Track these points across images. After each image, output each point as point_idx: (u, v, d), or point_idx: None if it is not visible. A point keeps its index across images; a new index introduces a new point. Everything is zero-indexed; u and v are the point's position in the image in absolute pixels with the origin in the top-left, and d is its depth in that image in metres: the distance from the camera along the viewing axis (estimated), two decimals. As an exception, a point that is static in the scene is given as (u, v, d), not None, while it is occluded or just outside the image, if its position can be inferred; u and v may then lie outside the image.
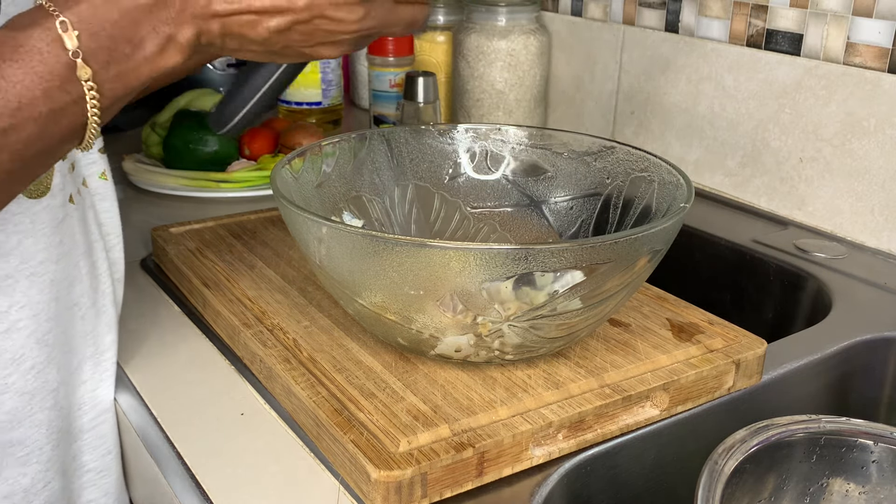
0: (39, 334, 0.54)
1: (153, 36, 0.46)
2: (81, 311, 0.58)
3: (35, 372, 0.54)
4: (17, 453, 0.55)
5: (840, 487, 0.55)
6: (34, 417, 0.55)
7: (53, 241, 0.54)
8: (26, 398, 0.54)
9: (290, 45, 0.50)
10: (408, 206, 0.71)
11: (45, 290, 0.54)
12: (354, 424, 0.51)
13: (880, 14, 0.82)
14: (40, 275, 0.53)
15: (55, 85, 0.42)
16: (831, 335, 0.69)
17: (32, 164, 0.44)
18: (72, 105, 0.43)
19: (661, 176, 0.62)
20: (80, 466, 0.61)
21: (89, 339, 0.59)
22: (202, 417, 0.58)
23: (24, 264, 0.52)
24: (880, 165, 0.83)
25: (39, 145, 0.43)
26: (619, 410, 0.55)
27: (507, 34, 1.09)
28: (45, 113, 0.42)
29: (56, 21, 0.42)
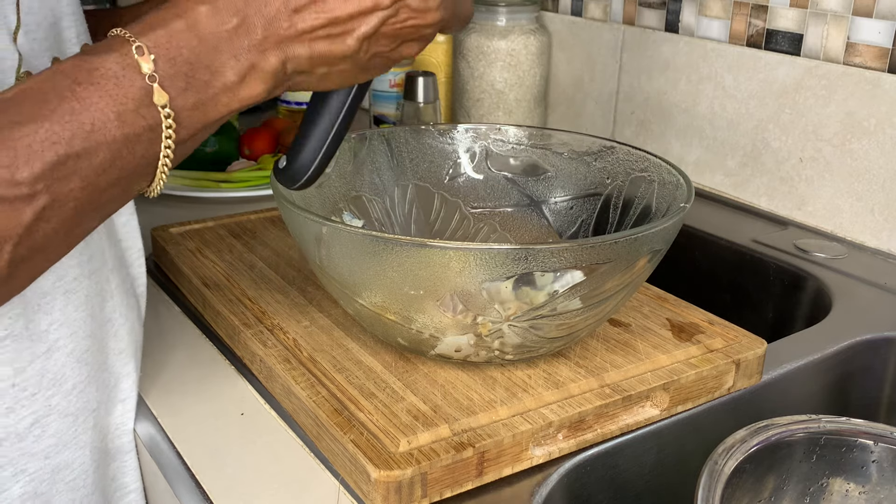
0: (78, 353, 0.53)
1: (234, 63, 0.43)
2: (115, 327, 0.57)
3: (77, 392, 0.53)
4: (66, 478, 0.54)
5: (840, 487, 0.55)
6: (79, 439, 0.54)
7: (84, 258, 0.53)
8: (70, 420, 0.53)
9: (378, 52, 0.48)
10: (408, 206, 0.71)
11: (80, 307, 0.53)
12: (354, 424, 0.51)
13: (880, 14, 0.82)
14: (75, 291, 0.52)
15: (130, 109, 0.40)
16: (831, 335, 0.69)
17: (104, 197, 0.42)
18: (147, 132, 0.41)
19: (661, 176, 0.62)
20: (120, 487, 0.60)
21: (124, 356, 0.58)
22: (202, 417, 0.58)
23: (60, 281, 0.51)
24: (880, 165, 0.83)
25: (112, 175, 0.41)
26: (619, 410, 0.55)
27: (507, 34, 1.09)
28: (118, 138, 0.40)
29: (132, 46, 0.41)
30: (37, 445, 0.51)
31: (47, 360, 0.51)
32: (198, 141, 0.45)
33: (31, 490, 0.51)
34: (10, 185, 0.37)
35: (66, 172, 0.39)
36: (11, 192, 0.38)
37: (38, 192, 0.38)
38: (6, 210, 0.38)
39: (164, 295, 0.74)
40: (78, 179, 0.40)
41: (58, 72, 0.40)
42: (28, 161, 0.38)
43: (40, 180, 0.38)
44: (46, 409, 0.51)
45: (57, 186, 0.39)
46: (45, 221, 0.39)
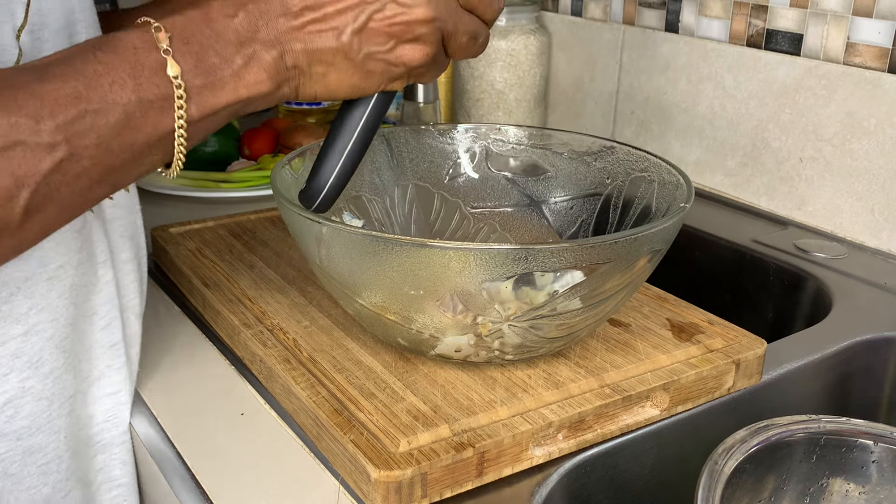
0: (58, 339, 0.54)
1: (237, 52, 0.47)
2: (104, 320, 0.58)
3: (53, 377, 0.54)
4: (38, 461, 0.54)
5: (840, 487, 0.55)
6: (53, 424, 0.55)
7: (73, 247, 0.54)
8: (45, 404, 0.54)
9: (372, 52, 0.50)
10: (408, 206, 0.71)
11: (64, 295, 0.54)
12: (354, 424, 0.51)
13: (880, 14, 0.82)
14: (59, 279, 0.54)
15: (145, 76, 0.44)
16: (831, 335, 0.69)
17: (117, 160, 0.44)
18: (159, 100, 0.45)
19: (661, 176, 0.62)
20: (108, 480, 0.60)
21: (112, 350, 0.59)
22: (202, 417, 0.58)
23: (43, 267, 0.53)
24: (880, 165, 0.83)
25: (125, 137, 0.44)
26: (619, 410, 0.55)
27: (507, 34, 1.09)
28: (133, 101, 0.44)
29: (152, 26, 0.45)
30: (9, 426, 0.52)
31: (24, 342, 0.52)
32: (209, 126, 0.48)
33: (0, 470, 0.52)
34: (34, 133, 0.41)
35: (85, 127, 0.42)
36: (34, 139, 0.41)
37: (58, 143, 0.41)
38: (27, 156, 0.40)
39: (164, 295, 0.74)
40: (94, 136, 0.43)
41: (81, 44, 0.44)
42: (52, 112, 0.41)
43: (61, 131, 0.41)
44: (20, 391, 0.52)
45: (75, 140, 0.42)
46: (62, 174, 0.42)
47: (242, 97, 0.48)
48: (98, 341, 0.58)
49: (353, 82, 0.51)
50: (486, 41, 0.56)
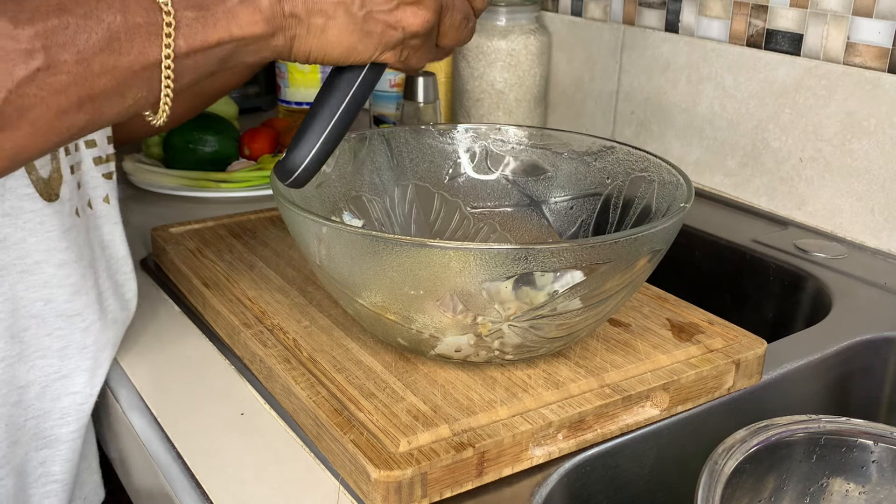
0: (15, 330, 0.55)
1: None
2: (84, 322, 0.58)
3: (4, 365, 0.55)
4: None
5: (840, 487, 0.55)
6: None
7: (59, 246, 0.54)
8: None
9: (373, 10, 0.49)
10: (408, 206, 0.71)
11: (31, 290, 0.54)
12: (354, 424, 0.51)
13: (880, 14, 0.82)
14: (33, 273, 0.54)
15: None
16: (831, 335, 0.69)
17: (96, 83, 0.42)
18: (146, 25, 0.43)
19: (661, 176, 0.62)
20: (45, 475, 0.60)
21: (88, 352, 0.59)
22: (202, 417, 0.58)
23: (20, 260, 0.53)
24: (880, 165, 0.83)
25: (106, 59, 0.42)
26: (619, 410, 0.55)
27: (507, 34, 1.09)
28: (118, 21, 0.42)
29: None
30: None
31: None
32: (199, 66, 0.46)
33: None
34: (10, 37, 0.39)
35: (65, 39, 0.40)
36: (10, 45, 0.39)
37: (35, 51, 0.40)
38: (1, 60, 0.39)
39: (164, 295, 0.74)
40: (74, 50, 0.41)
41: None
42: (32, 18, 0.40)
43: (40, 38, 0.39)
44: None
45: (54, 52, 0.40)
46: (37, 86, 0.40)
47: (235, 36, 0.46)
48: (75, 342, 0.58)
49: (350, 42, 0.50)
50: (473, 29, 0.56)
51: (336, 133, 0.52)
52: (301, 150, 0.52)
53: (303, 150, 0.52)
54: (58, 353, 0.58)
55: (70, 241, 0.56)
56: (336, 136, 0.53)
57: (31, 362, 0.57)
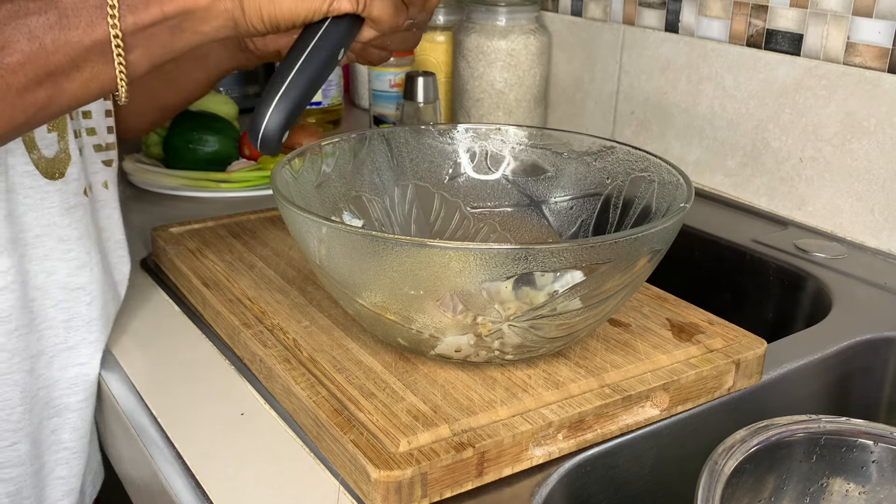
0: (26, 300, 0.58)
1: None
2: (89, 297, 0.61)
3: (18, 334, 0.58)
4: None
5: (840, 487, 0.55)
6: (10, 377, 0.58)
7: (61, 222, 0.58)
8: (5, 355, 0.57)
9: None
10: (408, 206, 0.71)
11: (35, 262, 0.57)
12: (354, 424, 0.51)
13: (880, 14, 0.82)
14: (35, 247, 0.57)
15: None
16: (831, 335, 0.69)
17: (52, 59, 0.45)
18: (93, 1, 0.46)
19: (661, 176, 0.62)
20: (56, 442, 0.63)
21: (92, 325, 0.62)
22: (202, 417, 0.58)
23: (22, 234, 0.56)
24: (880, 165, 0.83)
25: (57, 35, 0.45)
26: (619, 410, 0.55)
27: (507, 34, 1.09)
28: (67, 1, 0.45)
29: None
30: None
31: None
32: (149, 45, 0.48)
33: None
34: None
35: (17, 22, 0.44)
36: None
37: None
38: None
39: (164, 295, 0.74)
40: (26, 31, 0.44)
41: None
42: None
43: None
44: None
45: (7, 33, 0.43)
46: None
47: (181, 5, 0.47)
48: (79, 314, 0.61)
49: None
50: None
51: (298, 89, 0.51)
52: (261, 109, 0.51)
53: (262, 109, 0.51)
54: (63, 325, 0.61)
55: (73, 219, 0.59)
56: (298, 92, 0.51)
57: (39, 332, 0.59)
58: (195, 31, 0.49)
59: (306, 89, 0.51)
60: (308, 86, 0.51)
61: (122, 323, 0.69)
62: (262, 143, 0.51)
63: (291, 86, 0.51)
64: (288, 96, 0.51)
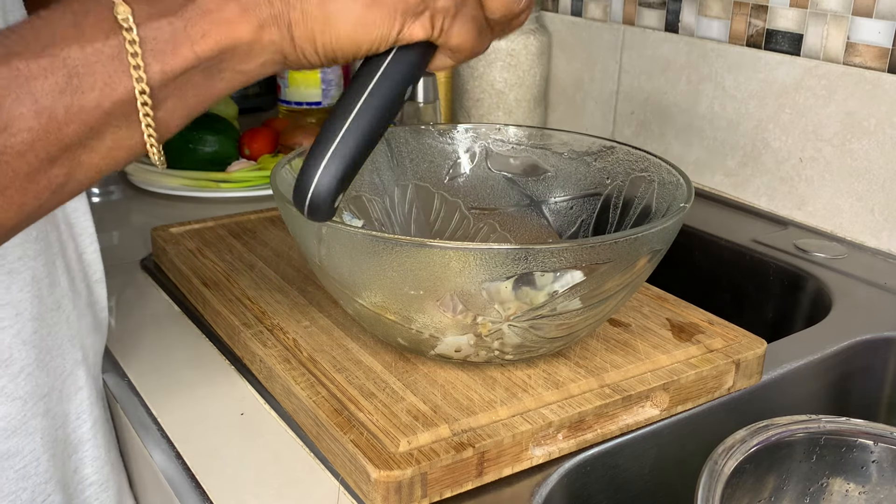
0: (25, 335, 0.50)
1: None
2: (65, 313, 0.54)
3: (25, 375, 0.51)
4: (15, 465, 0.52)
5: (840, 487, 0.55)
6: (28, 425, 0.52)
7: (29, 237, 0.50)
8: (18, 404, 0.51)
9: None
10: (408, 206, 0.71)
11: (25, 289, 0.50)
12: (354, 424, 0.51)
13: (880, 14, 0.82)
14: (19, 272, 0.49)
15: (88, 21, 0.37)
16: (831, 335, 0.69)
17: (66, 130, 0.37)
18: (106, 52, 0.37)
19: (661, 176, 0.62)
20: (81, 480, 0.58)
21: (76, 341, 0.56)
22: (202, 417, 0.58)
23: (2, 260, 0.49)
24: (880, 165, 0.83)
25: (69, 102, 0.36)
26: (619, 410, 0.55)
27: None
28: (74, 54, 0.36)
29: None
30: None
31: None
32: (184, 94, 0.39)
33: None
34: None
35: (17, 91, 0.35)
36: None
37: None
38: None
39: (164, 295, 0.74)
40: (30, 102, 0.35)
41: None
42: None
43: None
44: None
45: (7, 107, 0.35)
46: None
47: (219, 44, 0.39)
48: (65, 335, 0.54)
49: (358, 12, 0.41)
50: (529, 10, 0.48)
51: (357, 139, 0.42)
52: (311, 164, 0.42)
53: (313, 164, 0.41)
54: (59, 351, 0.54)
55: (38, 229, 0.51)
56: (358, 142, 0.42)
57: (45, 367, 0.53)
58: (237, 70, 0.40)
59: (368, 139, 0.42)
60: (370, 134, 0.42)
61: (122, 323, 0.69)
62: (310, 207, 0.42)
63: (349, 134, 0.42)
64: (345, 148, 0.41)
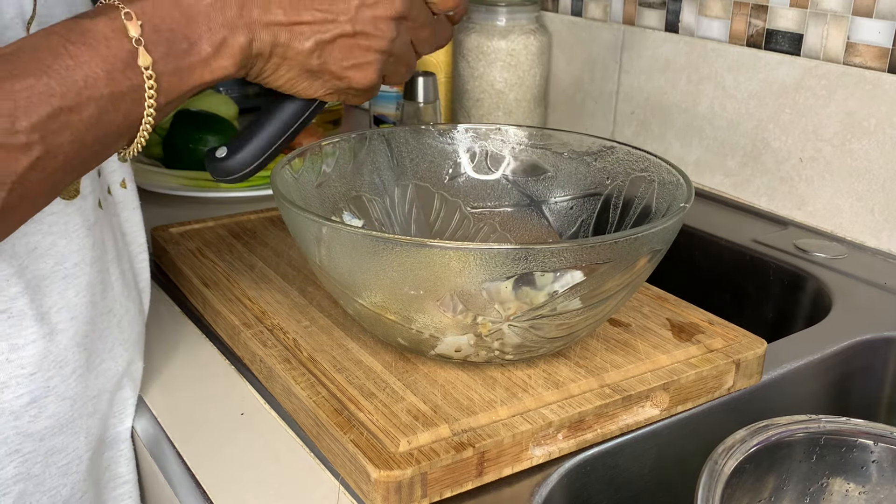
0: (79, 338, 0.54)
1: (208, 36, 0.48)
2: (117, 317, 0.58)
3: (76, 376, 0.54)
4: (59, 462, 0.54)
5: (840, 487, 0.55)
6: (75, 424, 0.54)
7: (86, 244, 0.54)
8: (68, 403, 0.53)
9: (327, 62, 0.54)
10: (408, 206, 0.71)
11: (81, 293, 0.53)
12: (354, 424, 0.51)
13: (880, 14, 0.82)
14: (75, 276, 0.53)
15: (118, 68, 0.44)
16: (831, 335, 0.69)
17: (88, 152, 0.45)
18: (131, 92, 0.45)
19: (661, 176, 0.62)
20: (115, 477, 0.60)
21: (128, 345, 0.59)
22: (202, 417, 0.58)
23: (60, 266, 0.52)
24: (880, 165, 0.83)
25: (98, 131, 0.44)
26: (619, 410, 0.55)
27: (507, 34, 1.09)
28: (106, 95, 0.44)
29: (121, 12, 0.45)
30: (33, 426, 0.52)
31: (49, 341, 0.52)
32: (172, 109, 0.49)
33: (24, 471, 0.52)
34: (10, 134, 0.40)
35: (59, 125, 0.42)
36: (10, 141, 0.40)
37: (34, 143, 0.41)
38: (4, 157, 0.40)
39: (164, 295, 0.74)
40: (69, 133, 0.43)
41: (51, 32, 0.43)
42: (27, 112, 0.41)
43: (36, 130, 0.41)
44: (45, 391, 0.52)
45: (51, 138, 0.42)
46: (37, 171, 0.42)
47: (207, 81, 0.49)
48: (117, 339, 0.58)
49: (297, 82, 0.54)
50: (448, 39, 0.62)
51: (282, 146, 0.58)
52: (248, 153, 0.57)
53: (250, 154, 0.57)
54: (110, 354, 0.57)
55: (95, 237, 0.55)
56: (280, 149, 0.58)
57: (96, 369, 0.56)
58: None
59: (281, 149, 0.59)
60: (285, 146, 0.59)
61: (122, 323, 0.69)
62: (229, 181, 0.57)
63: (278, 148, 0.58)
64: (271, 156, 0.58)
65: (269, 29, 0.51)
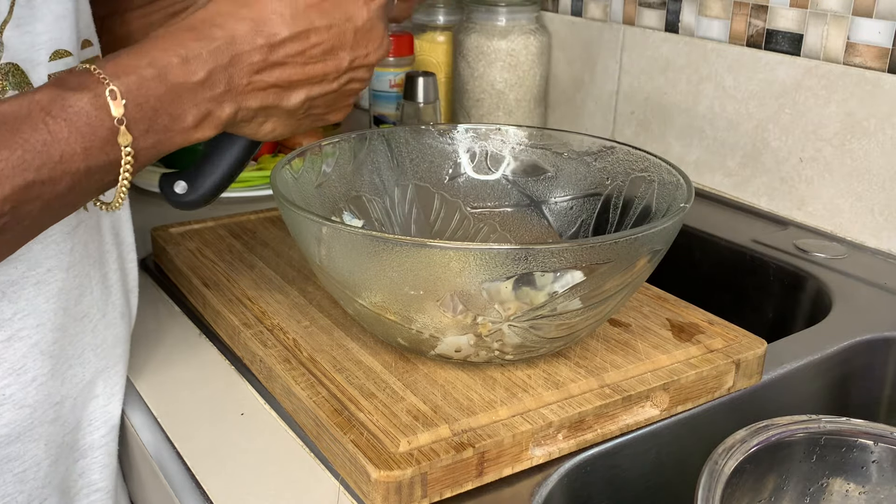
0: (44, 345, 0.53)
1: (193, 111, 0.48)
2: (92, 322, 0.57)
3: (37, 384, 0.53)
4: (14, 469, 0.53)
5: (840, 487, 0.55)
6: (33, 432, 0.53)
7: (64, 249, 0.53)
8: (27, 411, 0.52)
9: (311, 110, 0.54)
10: (408, 206, 0.71)
11: (51, 300, 0.53)
12: (354, 424, 0.51)
13: (880, 14, 0.82)
14: (47, 283, 0.52)
15: (96, 146, 0.44)
16: (831, 335, 0.69)
17: (57, 214, 0.45)
18: (107, 166, 0.45)
19: (661, 176, 0.62)
20: (88, 485, 0.59)
21: (100, 351, 0.58)
22: (202, 417, 0.58)
23: (31, 271, 0.51)
24: (880, 165, 0.83)
25: (69, 198, 0.44)
26: (619, 410, 0.55)
27: (507, 34, 1.09)
28: (82, 170, 0.43)
29: (106, 89, 0.44)
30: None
31: (6, 348, 0.51)
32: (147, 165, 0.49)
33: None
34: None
35: (31, 196, 0.42)
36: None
37: (4, 213, 0.41)
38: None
39: (164, 295, 0.74)
40: (40, 203, 0.43)
41: (33, 102, 0.43)
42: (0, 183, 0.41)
43: (8, 202, 0.41)
44: (0, 399, 0.51)
45: (21, 208, 0.42)
46: (2, 234, 0.42)
47: (184, 146, 0.49)
48: (88, 344, 0.57)
49: (280, 130, 0.54)
50: None
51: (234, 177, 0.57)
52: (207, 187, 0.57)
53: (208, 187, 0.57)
54: (79, 360, 0.56)
55: (75, 242, 0.54)
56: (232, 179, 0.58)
57: (62, 376, 0.55)
58: None
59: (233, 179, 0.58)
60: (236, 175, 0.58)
61: (122, 323, 0.69)
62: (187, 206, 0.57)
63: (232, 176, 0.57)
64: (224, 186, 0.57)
65: (257, 95, 0.50)
